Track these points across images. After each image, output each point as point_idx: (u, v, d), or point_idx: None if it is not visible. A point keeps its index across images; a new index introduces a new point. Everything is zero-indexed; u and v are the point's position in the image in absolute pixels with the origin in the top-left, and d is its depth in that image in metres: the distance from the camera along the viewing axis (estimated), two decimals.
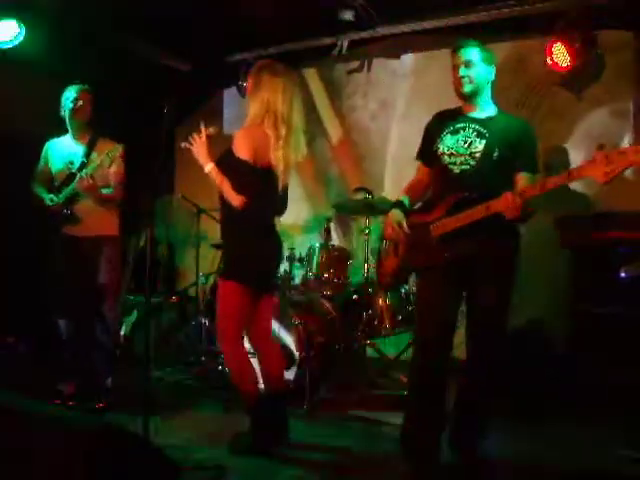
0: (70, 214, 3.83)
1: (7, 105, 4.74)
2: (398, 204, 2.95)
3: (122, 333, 4.88)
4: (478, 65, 2.74)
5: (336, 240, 5.11)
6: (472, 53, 2.74)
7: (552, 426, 3.46)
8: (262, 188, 2.93)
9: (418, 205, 2.99)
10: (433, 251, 2.74)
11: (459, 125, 2.81)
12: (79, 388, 3.80)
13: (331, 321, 4.32)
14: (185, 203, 5.15)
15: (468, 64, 2.73)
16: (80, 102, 3.87)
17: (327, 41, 5.19)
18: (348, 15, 4.72)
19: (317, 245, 4.53)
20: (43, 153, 4.01)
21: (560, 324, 3.93)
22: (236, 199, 2.88)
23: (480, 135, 2.75)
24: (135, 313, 4.86)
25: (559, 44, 4.26)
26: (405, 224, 2.85)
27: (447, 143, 2.79)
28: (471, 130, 2.77)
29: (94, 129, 3.98)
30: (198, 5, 4.59)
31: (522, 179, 2.70)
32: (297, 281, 4.65)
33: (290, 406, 3.19)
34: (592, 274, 3.68)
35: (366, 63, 5.49)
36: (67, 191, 3.80)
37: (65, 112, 3.91)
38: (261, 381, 3.16)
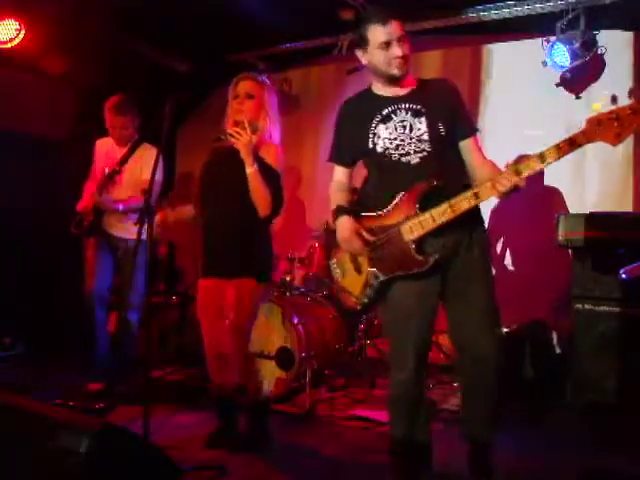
0: (93, 222, 3.89)
1: (7, 105, 4.74)
2: (343, 210, 2.52)
3: None
4: (407, 41, 2.41)
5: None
6: (402, 28, 2.39)
7: (552, 426, 3.46)
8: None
9: (360, 204, 2.60)
10: (412, 256, 2.35)
11: (386, 110, 2.45)
12: (107, 387, 3.86)
13: (331, 321, 4.32)
14: (185, 203, 5.14)
15: (402, 39, 2.38)
16: (118, 128, 3.92)
17: (327, 41, 5.19)
18: (348, 15, 4.72)
19: (317, 245, 4.53)
20: (93, 153, 4.10)
21: (560, 324, 3.94)
22: (270, 207, 3.00)
23: (416, 113, 2.41)
24: None
25: (559, 44, 4.26)
26: (364, 232, 2.44)
27: (384, 135, 2.43)
28: (404, 112, 2.43)
29: (138, 133, 4.01)
30: (198, 5, 4.59)
31: (474, 146, 2.46)
32: (297, 281, 4.65)
33: (290, 406, 3.18)
34: (592, 274, 3.68)
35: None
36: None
37: (107, 126, 3.96)
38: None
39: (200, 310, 3.19)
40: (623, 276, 3.03)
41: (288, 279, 4.46)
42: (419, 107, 2.42)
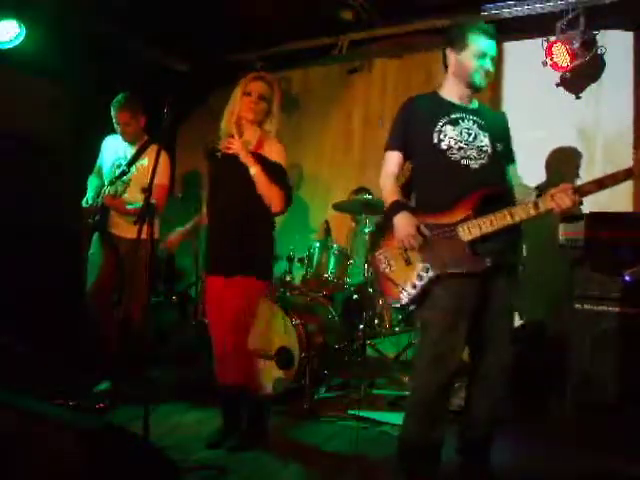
0: (98, 221, 3.87)
1: (7, 105, 4.74)
2: (403, 205, 2.60)
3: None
4: (494, 61, 2.62)
5: (336, 240, 5.11)
6: (495, 48, 2.60)
7: (552, 426, 3.46)
8: None
9: (414, 204, 2.69)
10: (466, 257, 2.43)
11: (455, 115, 2.59)
12: (115, 386, 3.89)
13: (331, 321, 4.32)
14: (185, 203, 5.15)
15: (494, 60, 2.60)
16: (121, 124, 3.93)
17: (327, 41, 5.19)
18: (348, 15, 4.72)
19: (317, 245, 4.53)
20: (101, 148, 4.09)
21: (560, 324, 3.93)
22: (282, 201, 3.06)
23: (481, 127, 2.59)
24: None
25: (559, 44, 4.26)
26: (423, 227, 2.52)
27: (450, 135, 2.55)
28: (471, 122, 2.59)
29: (149, 133, 4.01)
30: (198, 5, 4.59)
31: (514, 172, 2.69)
32: (297, 281, 4.65)
33: (290, 406, 3.19)
34: (592, 274, 3.67)
35: (366, 63, 5.49)
36: (97, 200, 3.90)
37: (115, 123, 3.97)
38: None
39: (207, 307, 3.23)
40: (627, 278, 3.04)
41: (288, 279, 4.46)
42: (484, 123, 2.60)
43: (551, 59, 4.33)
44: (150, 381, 2.96)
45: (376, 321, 4.37)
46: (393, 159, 2.68)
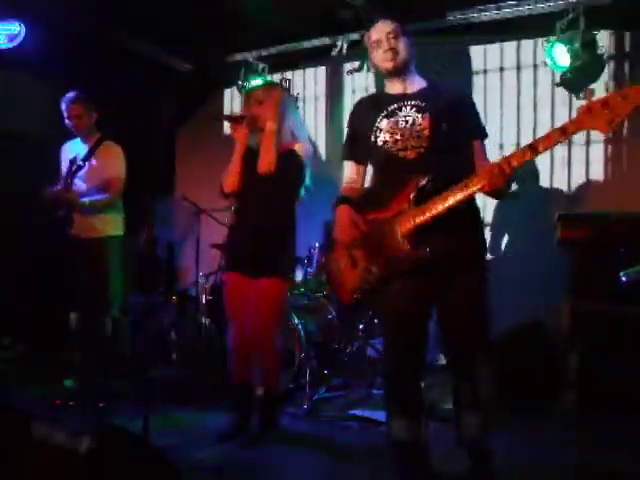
0: (66, 216, 3.87)
1: (7, 105, 4.74)
2: (343, 199, 2.54)
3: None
4: (401, 37, 2.52)
5: None
6: (392, 25, 2.54)
7: (552, 426, 3.46)
8: None
9: (359, 201, 2.59)
10: (406, 252, 2.33)
11: (392, 107, 2.49)
12: (82, 384, 3.88)
13: (331, 321, 4.32)
14: (185, 203, 5.14)
15: (392, 34, 2.51)
16: (73, 117, 3.94)
17: (327, 41, 5.19)
18: (348, 15, 4.72)
19: (317, 245, 4.52)
20: (61, 156, 4.11)
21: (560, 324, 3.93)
22: (268, 166, 3.10)
23: (420, 109, 2.44)
24: None
25: (559, 44, 4.26)
26: (360, 221, 2.44)
27: (385, 128, 2.46)
28: (408, 107, 2.46)
29: (101, 130, 4.03)
30: (198, 5, 4.59)
31: (479, 147, 2.50)
32: (297, 281, 4.64)
33: (290, 406, 3.20)
34: (592, 274, 3.68)
35: (366, 63, 5.49)
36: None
37: (66, 120, 3.97)
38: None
39: (227, 305, 3.24)
40: (623, 279, 3.03)
41: None
42: (424, 104, 2.45)
43: (551, 59, 4.34)
44: (150, 381, 2.97)
45: (376, 321, 4.36)
46: (346, 168, 2.70)
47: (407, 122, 2.44)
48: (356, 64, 5.47)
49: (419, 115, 2.43)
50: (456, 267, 2.38)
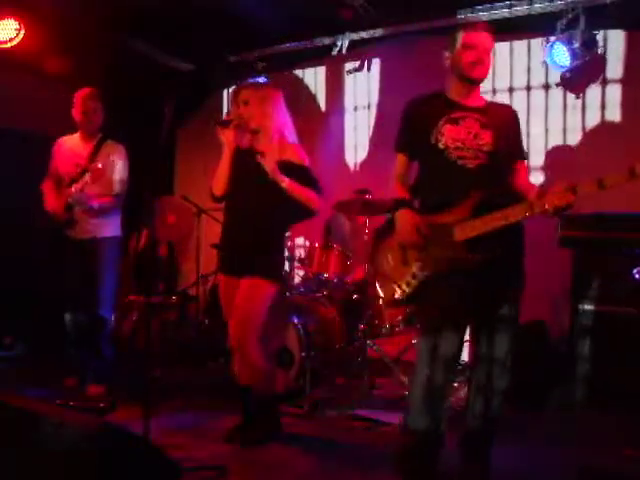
0: (69, 219, 3.86)
1: (7, 105, 4.74)
2: (405, 203, 2.62)
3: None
4: (490, 52, 2.58)
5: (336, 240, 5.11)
6: (489, 40, 2.57)
7: (552, 426, 3.46)
8: None
9: (418, 203, 2.69)
10: (461, 256, 2.45)
11: (456, 114, 2.57)
12: (80, 383, 3.91)
13: (331, 321, 4.32)
14: (185, 203, 5.15)
15: (485, 50, 2.56)
16: (90, 112, 3.91)
17: (327, 41, 5.19)
18: (348, 15, 4.72)
19: (317, 245, 4.53)
20: (53, 152, 4.04)
21: (560, 324, 3.93)
22: (316, 201, 3.11)
23: (484, 126, 2.56)
24: None
25: (559, 44, 4.26)
26: (422, 226, 2.53)
27: (449, 134, 2.54)
28: (472, 120, 2.56)
29: (103, 130, 4.01)
30: (198, 5, 4.59)
31: (523, 169, 2.66)
32: (297, 281, 4.65)
33: (290, 406, 3.20)
34: (592, 274, 3.68)
35: (366, 63, 5.48)
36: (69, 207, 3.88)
37: (76, 115, 3.94)
38: None
39: (222, 306, 3.26)
40: (637, 276, 3.04)
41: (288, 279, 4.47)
42: (487, 121, 2.57)
43: (551, 59, 4.34)
44: (150, 381, 2.96)
45: (376, 321, 4.37)
46: (398, 161, 2.73)
47: (470, 134, 2.54)
48: (356, 64, 5.49)
49: (482, 131, 2.55)
50: (501, 297, 2.53)
